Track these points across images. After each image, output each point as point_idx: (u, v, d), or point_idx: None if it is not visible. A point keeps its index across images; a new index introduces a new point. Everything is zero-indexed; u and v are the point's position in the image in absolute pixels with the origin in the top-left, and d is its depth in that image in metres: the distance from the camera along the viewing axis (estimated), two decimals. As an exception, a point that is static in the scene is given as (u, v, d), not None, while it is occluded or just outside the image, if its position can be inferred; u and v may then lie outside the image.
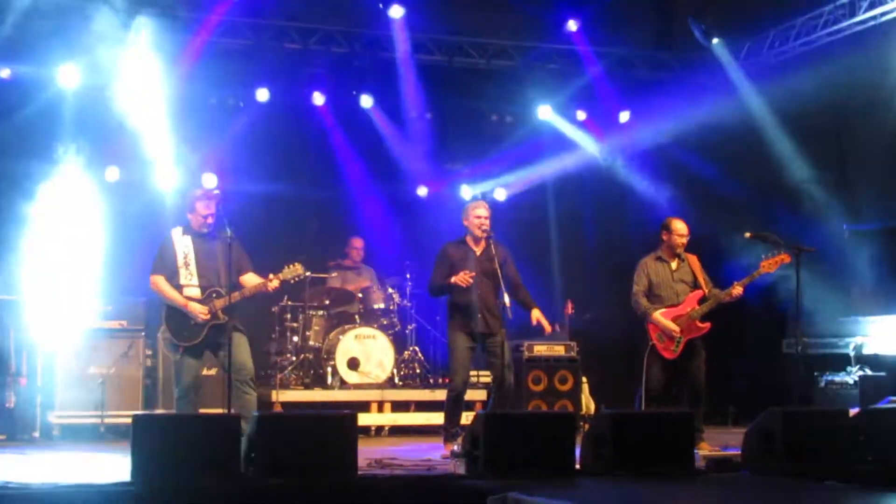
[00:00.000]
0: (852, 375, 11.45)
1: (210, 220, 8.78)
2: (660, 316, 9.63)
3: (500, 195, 14.19)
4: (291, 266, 8.92)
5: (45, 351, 10.98)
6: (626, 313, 10.14)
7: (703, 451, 8.96)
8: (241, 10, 12.23)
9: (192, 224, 8.87)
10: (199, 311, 8.59)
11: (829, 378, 11.68)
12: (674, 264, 9.81)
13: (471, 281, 8.99)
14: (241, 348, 8.66)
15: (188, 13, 12.30)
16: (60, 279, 11.64)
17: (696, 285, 9.69)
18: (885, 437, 7.65)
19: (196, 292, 8.71)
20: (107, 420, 10.71)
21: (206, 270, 8.72)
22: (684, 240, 9.84)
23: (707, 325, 9.59)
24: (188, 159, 12.71)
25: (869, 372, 11.41)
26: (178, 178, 12.69)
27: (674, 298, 9.69)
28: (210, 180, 12.18)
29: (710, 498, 6.63)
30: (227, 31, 12.37)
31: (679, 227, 9.85)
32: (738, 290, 9.45)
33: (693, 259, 9.83)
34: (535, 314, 9.35)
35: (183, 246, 8.79)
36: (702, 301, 9.57)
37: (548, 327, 9.49)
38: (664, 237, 9.89)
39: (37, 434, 10.70)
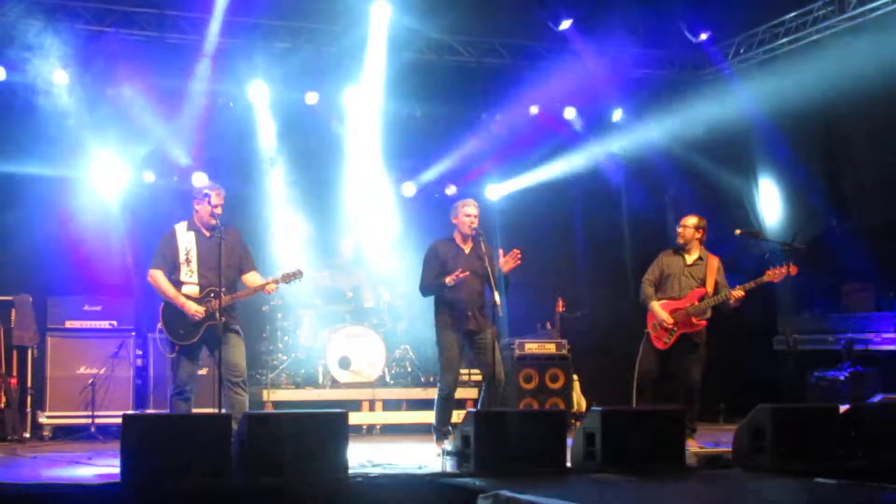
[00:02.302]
0: (843, 372, 11.47)
1: (219, 212, 8.69)
2: (657, 305, 9.70)
3: (492, 193, 14.18)
4: (291, 271, 8.95)
5: (36, 351, 10.97)
6: (618, 311, 10.15)
7: (692, 447, 8.96)
8: (232, 10, 12.21)
9: (198, 217, 8.75)
10: (195, 311, 8.54)
11: (820, 374, 11.70)
12: (690, 259, 9.80)
13: (455, 280, 8.98)
14: (236, 349, 8.62)
15: (181, 13, 12.33)
16: (51, 279, 11.66)
17: (703, 284, 9.69)
18: (876, 433, 7.67)
19: (195, 290, 8.64)
20: (97, 420, 10.70)
21: (207, 269, 8.62)
22: (683, 230, 9.85)
23: (702, 322, 9.61)
24: (178, 157, 12.72)
25: (860, 368, 11.42)
26: (168, 176, 12.70)
27: (677, 292, 9.72)
28: (200, 179, 12.17)
29: (700, 495, 6.64)
30: (218, 30, 12.37)
31: (684, 219, 9.90)
32: (738, 292, 9.47)
33: (713, 261, 9.79)
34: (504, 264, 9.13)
35: (186, 242, 8.71)
36: (702, 299, 9.58)
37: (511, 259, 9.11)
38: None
39: (27, 434, 10.71)
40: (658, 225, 13.70)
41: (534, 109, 13.90)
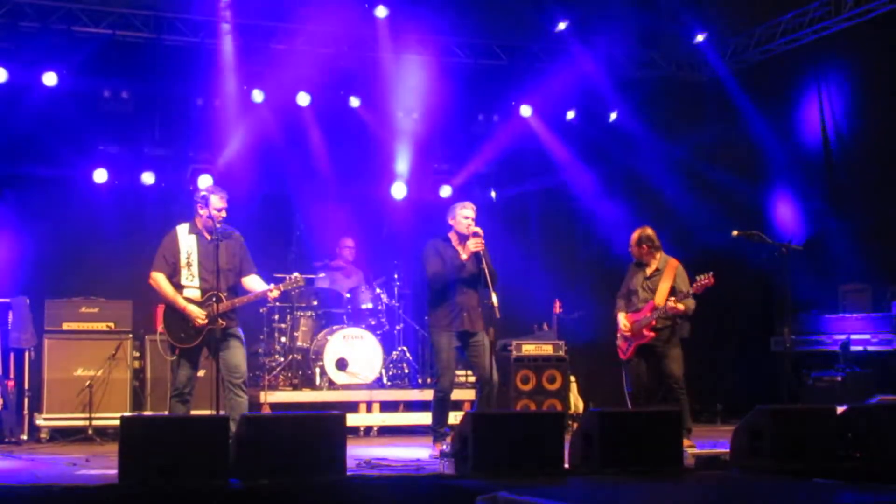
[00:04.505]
0: (840, 373, 11.47)
1: (224, 215, 8.68)
2: (621, 316, 9.92)
3: (490, 194, 14.16)
4: (292, 277, 8.95)
5: (33, 353, 10.96)
6: (614, 312, 10.18)
7: (687, 447, 8.93)
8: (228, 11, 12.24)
9: (200, 221, 8.74)
10: (197, 316, 8.52)
11: (817, 375, 11.70)
12: (648, 272, 9.87)
13: (482, 245, 9.01)
14: (237, 351, 8.61)
15: (179, 14, 12.34)
16: (48, 281, 11.66)
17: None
18: (873, 433, 7.67)
19: (196, 294, 8.62)
20: (95, 422, 10.68)
21: (208, 273, 8.60)
22: (630, 248, 9.98)
23: (652, 334, 9.68)
24: (175, 160, 12.72)
25: (856, 369, 11.43)
26: (167, 178, 12.70)
27: (637, 305, 9.83)
28: (205, 181, 12.18)
29: (698, 496, 6.63)
30: (212, 31, 12.38)
31: (631, 237, 9.93)
32: (671, 304, 9.53)
33: (670, 269, 9.80)
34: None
35: (187, 245, 8.69)
36: (654, 310, 9.63)
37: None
38: None
39: (24, 436, 10.70)
40: (655, 226, 13.70)
41: (530, 110, 13.90)
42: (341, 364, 11.75)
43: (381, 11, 12.53)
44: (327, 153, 13.49)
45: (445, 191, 13.99)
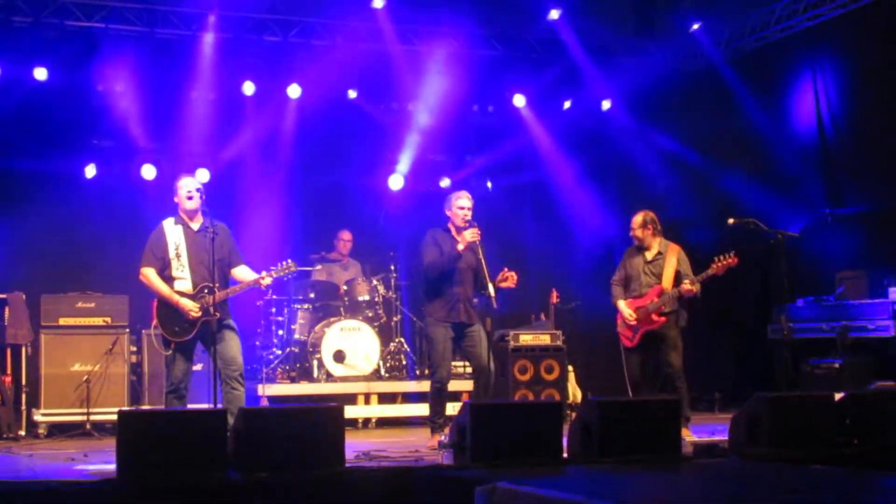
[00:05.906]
0: (838, 360, 11.46)
1: (191, 196, 8.62)
2: (622, 304, 9.78)
3: (486, 184, 14.16)
4: (284, 263, 8.91)
5: (30, 349, 10.95)
6: (612, 302, 10.15)
7: (685, 437, 8.92)
8: (222, 4, 12.19)
9: (181, 210, 8.71)
10: (191, 309, 8.49)
11: (815, 362, 11.69)
12: (649, 256, 9.76)
13: (478, 236, 9.00)
14: (232, 343, 8.58)
15: (172, 7, 12.31)
16: (44, 276, 11.64)
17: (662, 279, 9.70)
18: (871, 420, 7.68)
19: (187, 286, 8.60)
20: (92, 417, 10.68)
21: (198, 264, 8.58)
22: (633, 231, 9.84)
23: (662, 319, 9.55)
24: (170, 154, 12.71)
25: (854, 356, 11.42)
26: (160, 172, 12.68)
27: (639, 290, 9.72)
28: (201, 175, 12.17)
29: (697, 484, 6.63)
30: (205, 24, 12.35)
31: (632, 220, 9.88)
32: (686, 286, 9.41)
33: (672, 252, 9.69)
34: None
35: (175, 237, 8.65)
36: (661, 295, 9.56)
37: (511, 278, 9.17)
38: None
39: (22, 432, 10.69)
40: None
41: (525, 100, 13.88)
42: (339, 356, 11.75)
43: (377, 2, 12.50)
44: (323, 145, 13.49)
45: (444, 182, 13.98)
